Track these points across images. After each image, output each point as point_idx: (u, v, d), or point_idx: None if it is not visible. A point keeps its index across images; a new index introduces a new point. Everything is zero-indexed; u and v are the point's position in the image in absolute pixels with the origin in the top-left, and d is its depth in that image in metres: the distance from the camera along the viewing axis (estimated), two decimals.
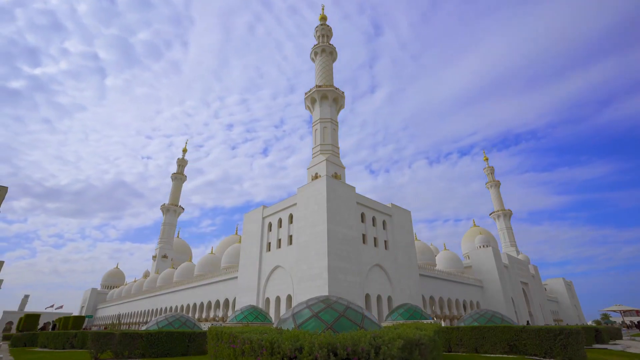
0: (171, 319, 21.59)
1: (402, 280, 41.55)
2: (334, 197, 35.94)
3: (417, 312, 26.31)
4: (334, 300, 11.10)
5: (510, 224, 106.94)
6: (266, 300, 39.47)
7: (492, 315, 20.99)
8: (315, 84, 55.39)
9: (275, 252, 40.55)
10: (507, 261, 70.38)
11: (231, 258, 57.60)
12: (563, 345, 15.07)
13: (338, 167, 47.81)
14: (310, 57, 60.61)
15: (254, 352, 6.70)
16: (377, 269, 39.06)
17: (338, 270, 32.89)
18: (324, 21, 61.93)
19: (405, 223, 46.86)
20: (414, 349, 6.62)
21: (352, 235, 36.41)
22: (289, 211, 40.40)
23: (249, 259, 44.08)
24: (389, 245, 42.32)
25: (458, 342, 18.75)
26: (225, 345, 8.33)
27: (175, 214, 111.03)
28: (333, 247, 33.32)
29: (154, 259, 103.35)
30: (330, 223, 34.15)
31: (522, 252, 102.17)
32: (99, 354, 16.98)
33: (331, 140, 49.63)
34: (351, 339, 6.09)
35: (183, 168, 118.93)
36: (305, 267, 34.51)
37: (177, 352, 17.69)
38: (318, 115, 51.46)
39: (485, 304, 62.04)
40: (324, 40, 60.22)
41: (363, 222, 40.04)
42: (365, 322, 10.25)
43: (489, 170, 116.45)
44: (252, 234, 45.28)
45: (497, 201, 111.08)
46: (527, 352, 16.20)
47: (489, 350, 17.34)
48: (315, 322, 9.98)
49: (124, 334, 16.98)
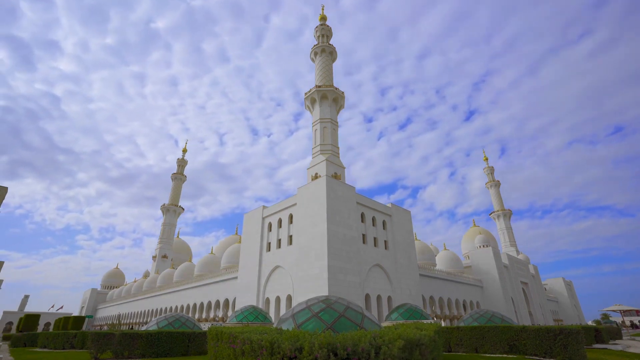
0: (171, 319, 21.60)
1: (402, 280, 41.54)
2: (334, 197, 35.93)
3: (417, 312, 26.30)
4: (333, 300, 11.09)
5: (510, 224, 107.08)
6: (266, 300, 39.46)
7: (492, 315, 21.00)
8: (315, 84, 55.40)
9: (275, 252, 40.54)
10: (507, 261, 70.39)
11: (231, 258, 57.60)
12: (563, 345, 15.06)
13: (338, 167, 47.82)
14: (310, 57, 60.62)
15: (254, 352, 6.70)
16: (377, 269, 39.06)
17: (338, 270, 32.89)
18: (323, 21, 61.94)
19: (405, 223, 46.86)
20: (414, 349, 6.62)
21: (352, 235, 36.40)
22: (289, 211, 40.39)
23: (249, 259, 44.07)
24: (389, 245, 42.32)
25: (458, 342, 18.75)
26: (225, 345, 8.33)
27: (175, 214, 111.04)
28: (333, 247, 33.31)
29: (153, 259, 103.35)
30: (330, 223, 34.15)
31: (522, 252, 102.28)
32: (99, 354, 16.97)
33: (331, 140, 49.64)
34: (351, 339, 6.08)
35: (183, 168, 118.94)
36: (305, 267, 34.50)
37: (177, 352, 17.69)
38: (318, 115, 51.48)
39: (485, 304, 62.05)
40: (323, 40, 60.22)
41: (363, 222, 40.03)
42: (365, 322, 10.24)
43: (489, 170, 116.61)
44: (252, 234, 45.27)
45: (497, 201, 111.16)
46: (527, 352, 16.20)
47: (489, 350, 17.34)
48: (315, 322, 9.98)
49: (124, 334, 16.98)
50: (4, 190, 20.80)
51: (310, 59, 60.86)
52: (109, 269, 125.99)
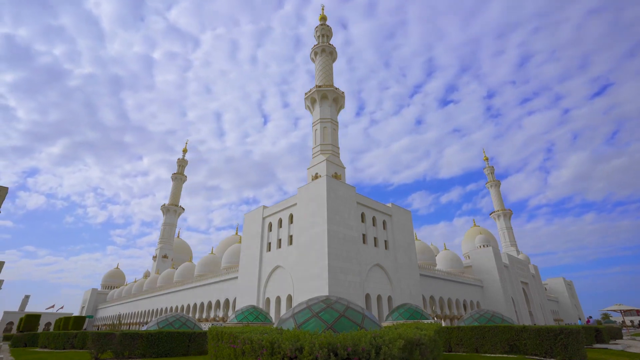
0: (171, 319, 21.61)
1: (402, 280, 41.54)
2: (334, 197, 35.94)
3: (417, 312, 26.29)
4: (334, 300, 11.10)
5: (511, 224, 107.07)
6: (266, 300, 39.47)
7: (492, 315, 21.00)
8: (315, 84, 55.42)
9: (275, 252, 40.55)
10: (507, 261, 70.38)
11: (231, 258, 57.60)
12: (563, 345, 15.05)
13: (338, 167, 47.85)
14: (310, 57, 60.63)
15: (254, 352, 6.70)
16: (377, 269, 39.06)
17: (338, 270, 32.90)
18: (323, 21, 61.96)
19: (406, 223, 46.86)
20: (415, 349, 6.62)
21: (352, 235, 36.40)
22: (289, 211, 40.40)
23: (249, 259, 44.08)
24: (389, 245, 42.31)
25: (458, 342, 18.75)
26: (225, 345, 8.33)
27: (175, 214, 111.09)
28: (333, 247, 33.32)
29: (154, 259, 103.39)
30: (331, 223, 34.16)
31: (522, 252, 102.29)
32: (99, 354, 16.98)
33: (331, 140, 49.67)
34: (352, 339, 6.09)
35: (183, 168, 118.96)
36: (305, 267, 34.52)
37: (178, 352, 17.69)
38: (318, 115, 51.51)
39: (486, 304, 62.04)
40: (323, 40, 60.24)
41: (363, 222, 40.03)
42: (366, 322, 10.25)
43: (489, 170, 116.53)
44: (252, 234, 45.28)
45: (497, 201, 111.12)
46: (528, 352, 16.19)
47: (489, 350, 17.34)
48: (316, 322, 9.98)
49: (124, 334, 16.98)
50: (4, 191, 20.83)
51: (311, 59, 60.88)
52: (110, 268, 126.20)
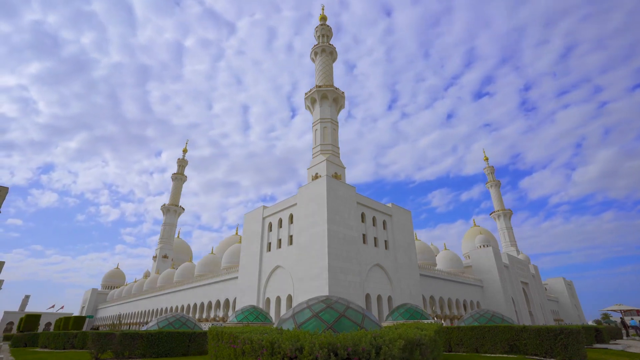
0: (171, 319, 21.61)
1: (402, 280, 41.54)
2: (334, 197, 35.94)
3: (417, 312, 26.28)
4: (334, 300, 11.09)
5: (511, 224, 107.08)
6: (266, 300, 39.47)
7: (492, 315, 20.99)
8: (316, 84, 55.43)
9: (275, 252, 40.55)
10: (507, 261, 70.37)
11: (231, 258, 57.61)
12: (563, 345, 15.04)
13: (338, 167, 47.85)
14: (310, 57, 60.63)
15: (255, 352, 6.70)
16: (377, 269, 39.06)
17: (338, 270, 32.90)
18: (324, 21, 61.99)
19: (406, 223, 46.85)
20: (415, 349, 6.62)
21: (352, 235, 36.40)
22: (289, 211, 40.39)
23: (249, 259, 44.08)
24: (389, 245, 42.31)
25: (458, 342, 18.74)
26: (225, 345, 8.33)
27: (175, 214, 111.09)
28: (333, 247, 33.32)
29: (154, 259, 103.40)
30: (331, 223, 34.16)
31: (522, 252, 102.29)
32: (99, 354, 16.98)
33: (331, 140, 49.67)
34: (352, 339, 6.08)
35: (183, 168, 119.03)
36: (305, 267, 34.52)
37: (178, 352, 17.69)
38: (318, 115, 51.52)
39: (486, 304, 62.03)
40: (324, 40, 60.26)
41: (363, 222, 40.03)
42: (366, 322, 10.24)
43: (489, 170, 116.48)
44: (253, 234, 45.28)
45: (497, 201, 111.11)
46: (528, 352, 16.19)
47: (489, 350, 17.33)
48: (316, 322, 9.98)
49: (124, 334, 16.98)
50: (4, 191, 20.83)
51: (311, 59, 60.88)
52: (109, 270, 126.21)
